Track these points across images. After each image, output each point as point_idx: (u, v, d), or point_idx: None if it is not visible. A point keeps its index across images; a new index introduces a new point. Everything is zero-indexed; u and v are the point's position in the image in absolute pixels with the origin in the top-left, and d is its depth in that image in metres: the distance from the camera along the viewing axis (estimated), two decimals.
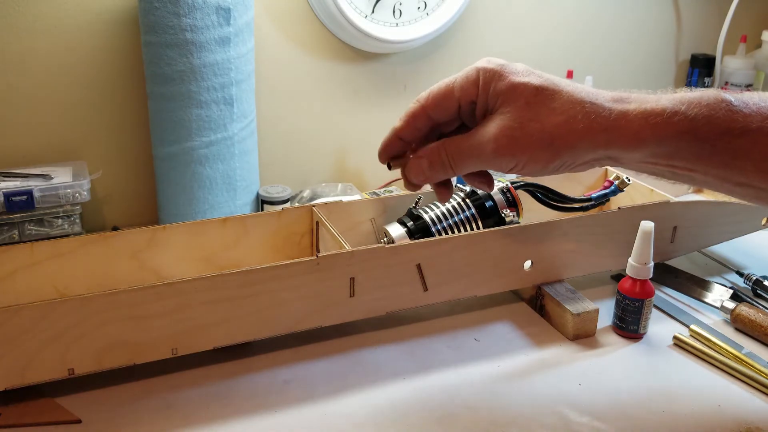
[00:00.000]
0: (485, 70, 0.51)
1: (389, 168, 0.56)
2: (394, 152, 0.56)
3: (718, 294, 0.78)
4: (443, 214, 0.73)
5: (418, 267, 0.68)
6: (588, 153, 0.50)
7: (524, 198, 0.76)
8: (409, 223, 0.73)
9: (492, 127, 0.50)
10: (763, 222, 0.86)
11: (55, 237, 0.80)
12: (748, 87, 1.20)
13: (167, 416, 0.59)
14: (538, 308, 0.75)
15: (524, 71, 0.51)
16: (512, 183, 0.76)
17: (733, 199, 0.89)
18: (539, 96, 0.49)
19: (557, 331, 0.72)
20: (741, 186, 0.50)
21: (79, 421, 0.58)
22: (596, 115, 0.49)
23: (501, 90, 0.50)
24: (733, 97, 0.48)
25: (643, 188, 0.86)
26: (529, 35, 1.13)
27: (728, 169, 0.49)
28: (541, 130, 0.49)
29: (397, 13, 0.99)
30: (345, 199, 0.82)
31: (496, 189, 0.74)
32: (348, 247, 0.65)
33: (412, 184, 0.56)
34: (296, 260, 0.62)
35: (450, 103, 0.53)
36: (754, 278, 0.80)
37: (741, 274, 0.82)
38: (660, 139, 0.48)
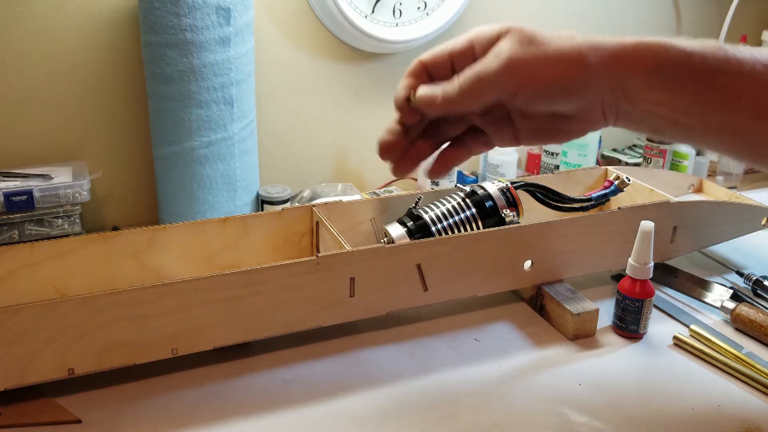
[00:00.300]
0: (475, 32, 0.54)
1: (409, 102, 0.55)
2: (403, 97, 0.56)
3: (718, 294, 0.78)
4: (443, 214, 0.73)
5: (418, 267, 0.68)
6: (597, 78, 0.50)
7: (524, 198, 0.76)
8: (409, 223, 0.73)
9: (499, 46, 0.51)
10: (763, 222, 0.86)
11: (55, 237, 0.80)
12: None
13: (167, 416, 0.59)
14: (538, 308, 0.75)
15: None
16: (512, 183, 0.76)
17: (732, 200, 0.89)
18: (538, 32, 0.51)
19: (557, 331, 0.72)
20: (738, 136, 0.51)
21: (79, 421, 0.58)
22: (597, 44, 0.50)
23: (498, 31, 0.52)
24: (728, 44, 0.50)
25: (643, 188, 0.86)
26: None
27: (724, 112, 0.50)
28: (548, 47, 0.50)
29: (397, 13, 0.99)
30: (345, 199, 0.82)
31: (495, 189, 0.74)
32: (348, 247, 0.65)
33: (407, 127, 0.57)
34: (296, 260, 0.62)
35: (444, 61, 0.54)
36: (754, 278, 0.80)
37: (741, 274, 0.82)
38: (659, 65, 0.49)
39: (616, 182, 0.80)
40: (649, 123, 0.53)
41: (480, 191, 0.74)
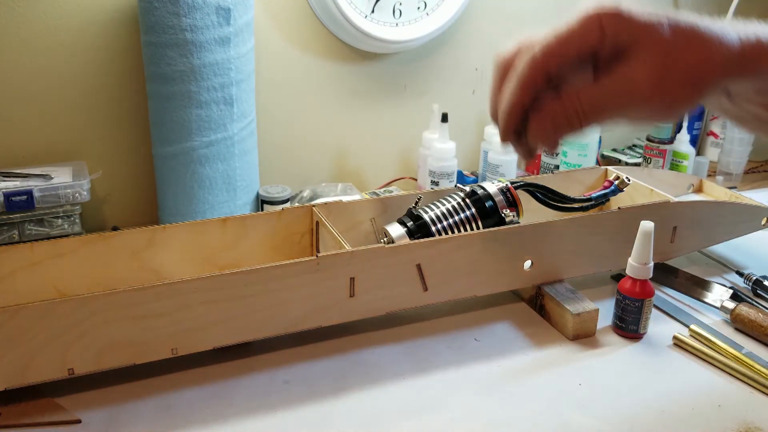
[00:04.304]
0: (607, 16, 0.47)
1: (519, 139, 0.50)
2: (518, 124, 0.50)
3: (718, 294, 0.78)
4: (443, 214, 0.73)
5: (418, 267, 0.68)
6: (720, 86, 0.49)
7: (524, 198, 0.76)
8: (409, 223, 0.73)
9: (632, 72, 0.47)
10: (763, 222, 0.86)
11: (55, 237, 0.80)
12: None
13: (167, 416, 0.59)
14: (538, 308, 0.75)
15: (641, 9, 0.47)
16: (512, 183, 0.76)
17: (732, 200, 0.89)
18: (674, 32, 0.47)
19: (557, 331, 0.72)
20: None
21: (79, 421, 0.58)
22: (727, 46, 0.47)
23: (633, 32, 0.46)
24: None
25: (643, 188, 0.86)
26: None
27: None
28: (686, 68, 0.47)
29: (397, 13, 0.99)
30: (345, 199, 0.82)
31: (496, 189, 0.74)
32: (348, 247, 0.65)
33: (530, 153, 0.52)
34: (296, 260, 0.62)
35: (569, 59, 0.48)
36: (754, 278, 0.80)
37: (741, 274, 0.82)
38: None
39: (616, 182, 0.80)
40: (744, 115, 0.52)
41: (480, 191, 0.74)
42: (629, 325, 0.70)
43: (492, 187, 0.74)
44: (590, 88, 0.48)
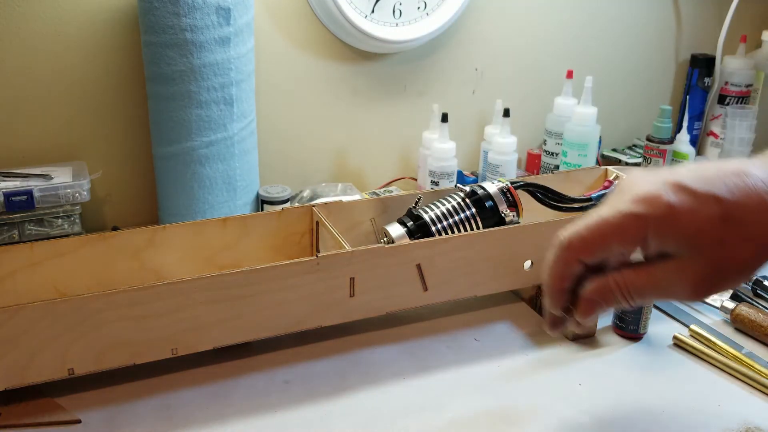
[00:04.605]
0: (655, 221, 0.44)
1: (568, 314, 0.50)
2: (565, 301, 0.49)
3: (718, 294, 0.78)
4: (443, 214, 0.73)
5: (418, 267, 0.68)
6: None
7: (524, 198, 0.76)
8: (409, 223, 0.73)
9: (682, 270, 0.45)
10: None
11: (55, 237, 0.80)
12: (748, 87, 1.20)
13: (167, 416, 0.59)
14: (538, 308, 0.75)
15: (689, 198, 0.44)
16: (512, 183, 0.76)
17: None
18: (727, 228, 0.44)
19: None
20: None
21: (79, 421, 0.58)
22: None
23: (682, 239, 0.45)
24: None
25: None
26: (529, 35, 1.13)
27: None
28: (737, 266, 0.45)
29: (396, 13, 0.99)
30: (345, 199, 0.82)
31: (496, 189, 0.74)
32: (348, 247, 0.65)
33: (574, 324, 0.51)
34: (296, 260, 0.62)
35: (606, 251, 0.47)
36: (754, 278, 0.80)
37: None
38: None
39: (616, 182, 0.80)
40: None
41: (480, 191, 0.74)
42: (629, 325, 0.70)
43: (492, 187, 0.74)
44: (637, 275, 0.47)
